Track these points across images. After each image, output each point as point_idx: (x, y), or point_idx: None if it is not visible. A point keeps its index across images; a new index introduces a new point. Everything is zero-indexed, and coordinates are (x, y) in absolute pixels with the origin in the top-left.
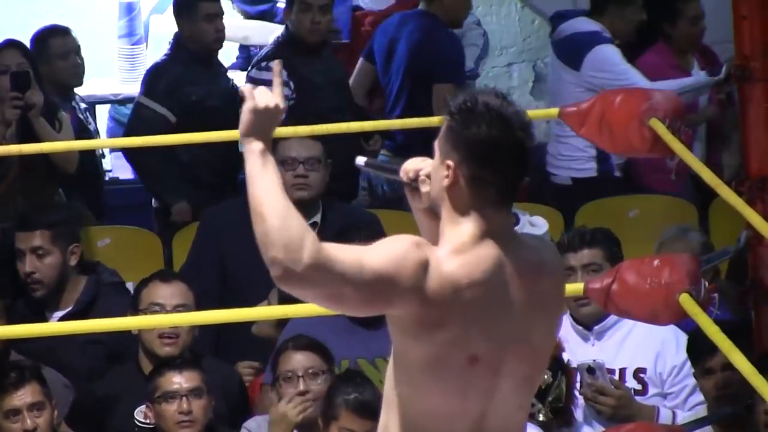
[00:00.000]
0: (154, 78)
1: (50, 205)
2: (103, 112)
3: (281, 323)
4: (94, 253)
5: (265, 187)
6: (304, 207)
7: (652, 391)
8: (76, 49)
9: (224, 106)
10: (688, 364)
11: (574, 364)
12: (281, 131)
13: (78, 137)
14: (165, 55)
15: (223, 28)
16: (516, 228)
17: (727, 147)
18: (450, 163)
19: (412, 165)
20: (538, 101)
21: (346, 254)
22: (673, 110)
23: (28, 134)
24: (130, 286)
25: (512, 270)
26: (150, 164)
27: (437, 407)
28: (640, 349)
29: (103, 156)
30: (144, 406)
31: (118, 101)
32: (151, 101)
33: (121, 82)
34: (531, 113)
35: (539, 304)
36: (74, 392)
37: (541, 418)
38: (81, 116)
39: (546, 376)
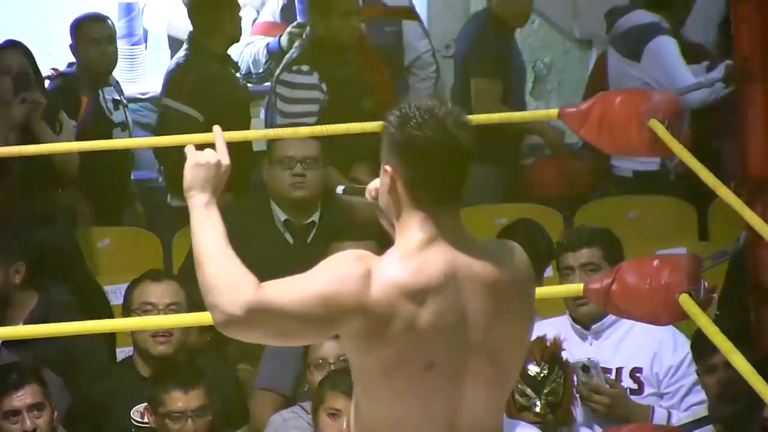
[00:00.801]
0: (177, 79)
1: None
2: None
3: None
4: (94, 253)
5: (205, 236)
6: (301, 206)
7: (648, 390)
8: (109, 37)
9: (242, 103)
10: (685, 364)
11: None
12: (285, 132)
13: (95, 124)
14: (183, 54)
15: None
16: None
17: None
18: (387, 167)
19: (375, 184)
20: (538, 101)
21: (286, 289)
22: (673, 111)
23: (28, 137)
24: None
25: (466, 275)
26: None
27: (399, 415)
28: (638, 348)
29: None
30: (142, 406)
31: None
32: (177, 102)
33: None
34: (531, 114)
35: (500, 310)
36: (68, 392)
37: (537, 410)
38: (104, 105)
39: (541, 369)
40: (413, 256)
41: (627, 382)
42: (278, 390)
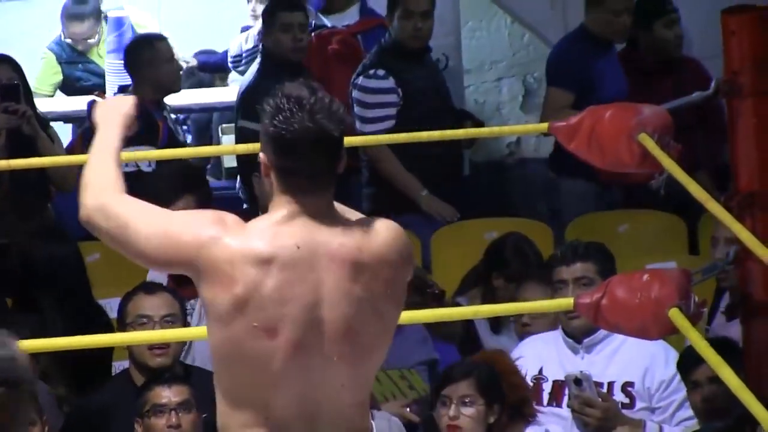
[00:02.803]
0: (249, 99)
1: None
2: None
3: None
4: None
5: (93, 152)
6: None
7: (639, 405)
8: (174, 55)
9: None
10: (677, 379)
11: (562, 377)
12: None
13: (173, 146)
14: (256, 71)
15: (302, 38)
16: None
17: None
18: (261, 156)
19: None
20: (528, 116)
21: (138, 209)
22: (662, 125)
23: (18, 148)
24: (119, 301)
25: (325, 252)
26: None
27: (249, 383)
28: (629, 363)
29: None
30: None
31: None
32: (252, 123)
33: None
34: (521, 128)
35: (360, 289)
36: (61, 408)
37: None
38: (171, 126)
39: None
40: (268, 229)
41: (618, 396)
42: None
